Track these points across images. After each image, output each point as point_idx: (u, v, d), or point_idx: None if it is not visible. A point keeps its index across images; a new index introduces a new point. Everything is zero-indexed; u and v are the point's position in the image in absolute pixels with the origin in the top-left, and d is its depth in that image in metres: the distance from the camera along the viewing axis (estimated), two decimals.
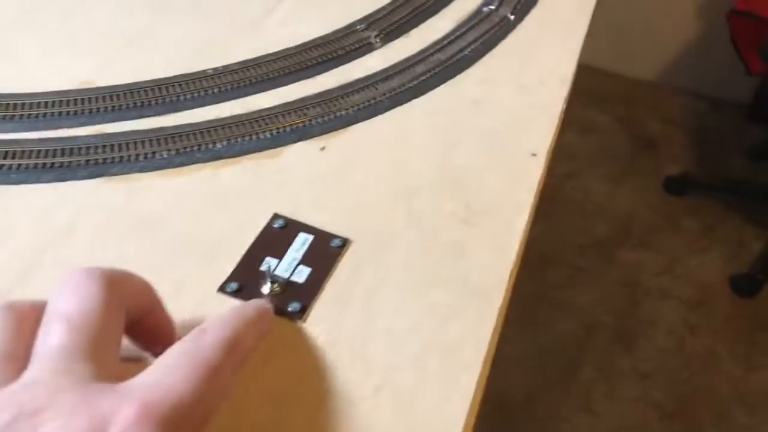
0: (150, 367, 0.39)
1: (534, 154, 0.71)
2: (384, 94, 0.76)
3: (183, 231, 0.61)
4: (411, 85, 0.78)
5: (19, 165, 0.63)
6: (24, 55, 0.78)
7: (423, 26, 0.87)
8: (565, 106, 0.77)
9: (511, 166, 0.69)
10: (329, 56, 0.80)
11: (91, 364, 0.38)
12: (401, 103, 0.76)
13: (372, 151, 0.70)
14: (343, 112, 0.73)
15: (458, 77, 0.81)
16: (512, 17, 0.88)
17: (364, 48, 0.82)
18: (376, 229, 0.62)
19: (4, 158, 0.64)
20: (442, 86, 0.79)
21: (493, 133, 0.73)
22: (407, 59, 0.81)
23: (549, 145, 0.72)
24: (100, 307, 0.40)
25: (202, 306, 0.55)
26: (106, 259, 0.58)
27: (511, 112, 0.76)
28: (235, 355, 0.43)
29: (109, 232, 0.60)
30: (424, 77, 0.78)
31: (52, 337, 0.38)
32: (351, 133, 0.72)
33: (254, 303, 0.50)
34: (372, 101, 0.75)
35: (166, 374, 0.38)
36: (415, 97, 0.77)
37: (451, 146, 0.71)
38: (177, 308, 0.53)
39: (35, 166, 0.63)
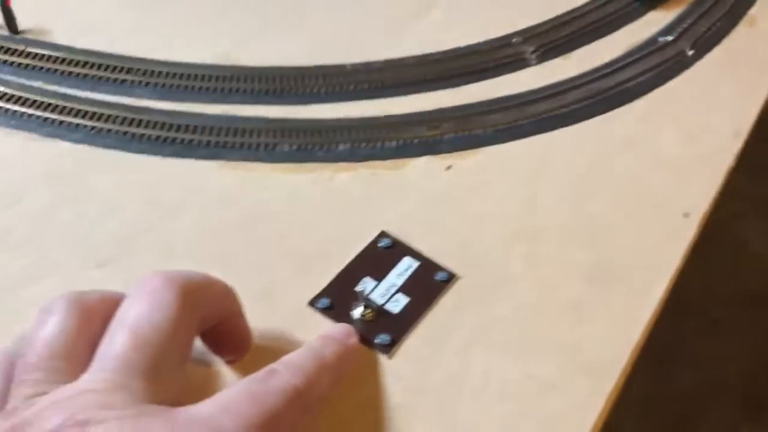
0: (210, 400, 0.36)
1: (687, 215, 0.62)
2: (528, 118, 0.69)
3: (287, 232, 0.58)
4: (560, 111, 0.71)
5: (143, 135, 0.63)
6: (167, 23, 0.77)
7: (586, 48, 0.79)
8: (734, 164, 0.67)
9: (658, 224, 0.61)
10: (476, 67, 0.74)
11: (149, 383, 0.35)
12: (545, 131, 0.69)
13: (501, 180, 0.64)
14: (480, 131, 0.68)
15: (615, 111, 0.72)
16: (690, 53, 0.78)
17: (516, 63, 0.76)
18: (488, 268, 0.57)
19: (129, 125, 0.63)
20: (594, 119, 0.71)
21: (643, 182, 0.64)
22: (562, 82, 0.74)
23: (707, 206, 0.63)
24: (172, 320, 0.38)
25: (288, 318, 0.52)
26: (206, 248, 0.56)
27: (668, 160, 0.67)
28: (303, 405, 0.39)
29: (216, 219, 0.58)
30: (576, 105, 0.71)
31: (115, 346, 0.36)
32: (483, 155, 0.66)
33: (336, 343, 0.46)
34: (513, 123, 0.69)
35: (224, 412, 0.35)
36: (563, 125, 0.69)
37: (592, 189, 0.64)
38: (261, 315, 0.51)
39: (157, 138, 0.63)
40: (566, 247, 0.58)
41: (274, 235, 0.57)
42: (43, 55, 0.69)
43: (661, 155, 0.67)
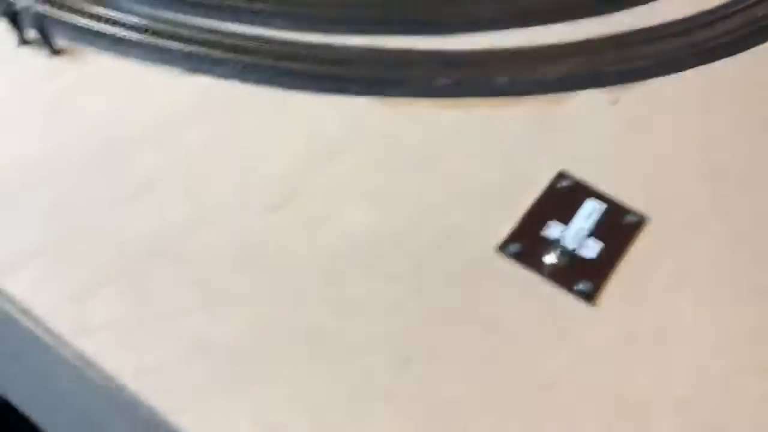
0: None
1: None
2: (688, 47, 0.64)
3: (457, 172, 0.54)
4: (722, 40, 0.65)
5: (292, 69, 0.59)
6: None
7: None
8: None
9: None
10: None
11: None
12: (707, 61, 0.64)
13: (672, 114, 0.60)
14: (641, 62, 0.63)
15: None
16: None
17: None
18: (676, 210, 0.53)
19: (278, 59, 0.59)
20: (758, 47, 0.66)
21: None
22: (726, 5, 0.68)
23: None
24: None
25: (478, 264, 0.49)
26: (378, 189, 0.53)
27: None
28: None
29: (379, 158, 0.55)
30: (746, 30, 0.65)
31: None
32: (647, 88, 0.62)
33: None
34: (674, 54, 0.64)
35: None
36: (730, 54, 0.64)
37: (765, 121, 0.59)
38: (448, 260, 0.48)
39: (307, 73, 0.59)
40: (751, 184, 0.54)
41: (445, 175, 0.54)
42: None
43: None
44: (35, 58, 0.58)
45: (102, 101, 0.56)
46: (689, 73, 0.63)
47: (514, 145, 0.57)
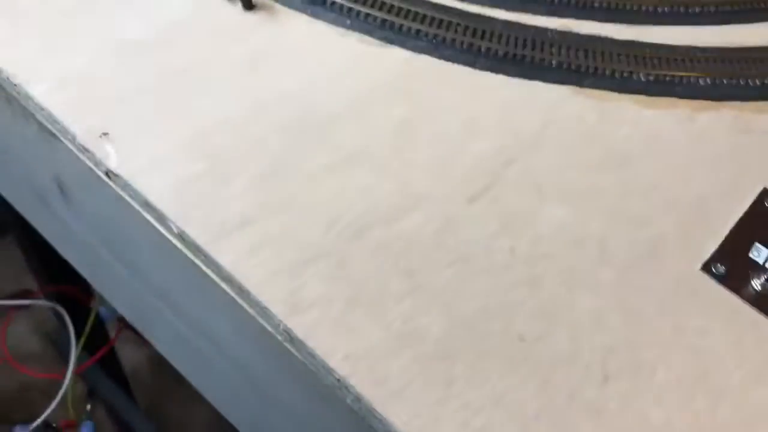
0: None
1: None
2: None
3: (658, 180, 0.52)
4: None
5: (488, 49, 0.57)
6: None
7: None
8: None
9: None
10: None
11: None
12: None
13: None
14: None
15: None
16: None
17: None
18: None
19: (473, 36, 0.57)
20: None
21: None
22: None
23: None
24: None
25: (683, 282, 0.47)
26: (574, 188, 0.51)
27: None
28: None
29: (578, 154, 0.53)
30: None
31: None
32: None
33: None
34: None
35: None
36: None
37: None
38: (648, 277, 0.47)
39: (504, 54, 0.57)
40: None
41: (644, 181, 0.52)
42: None
43: None
44: (232, 12, 0.57)
45: (297, 65, 0.55)
46: None
47: (716, 154, 0.54)
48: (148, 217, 0.47)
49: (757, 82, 0.58)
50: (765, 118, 0.56)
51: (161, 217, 0.46)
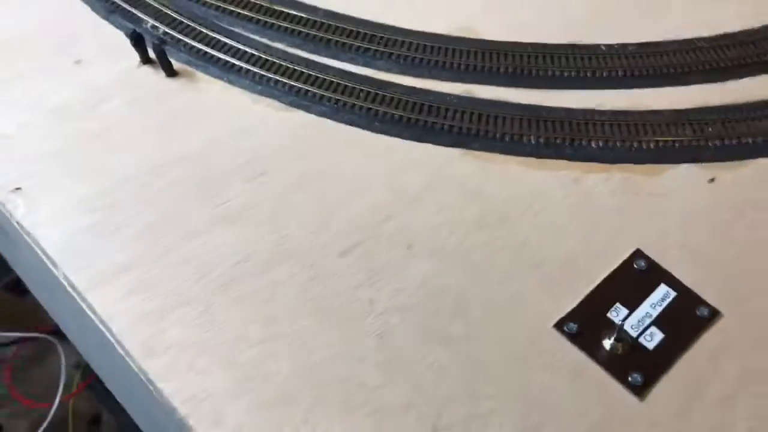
0: None
1: None
2: None
3: (530, 238, 0.54)
4: None
5: (385, 113, 0.60)
6: None
7: None
8: None
9: None
10: (750, 59, 0.65)
11: None
12: None
13: None
14: (749, 139, 0.60)
15: None
16: None
17: None
18: (757, 309, 0.50)
19: (373, 101, 0.61)
20: None
21: None
22: None
23: None
24: None
25: (533, 338, 0.49)
26: (446, 245, 0.53)
27: None
28: None
29: (456, 214, 0.55)
30: None
31: None
32: (750, 168, 0.59)
33: None
34: None
35: None
36: None
37: None
38: (503, 330, 0.48)
39: (400, 118, 0.60)
40: None
41: (516, 238, 0.54)
42: (288, 14, 0.67)
43: None
44: (154, 79, 0.63)
45: (207, 127, 0.60)
46: None
47: (597, 215, 0.56)
48: (47, 263, 0.52)
49: (651, 145, 0.59)
50: (655, 180, 0.57)
51: (54, 264, 0.51)
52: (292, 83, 0.62)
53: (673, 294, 0.51)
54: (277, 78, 0.62)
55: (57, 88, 0.62)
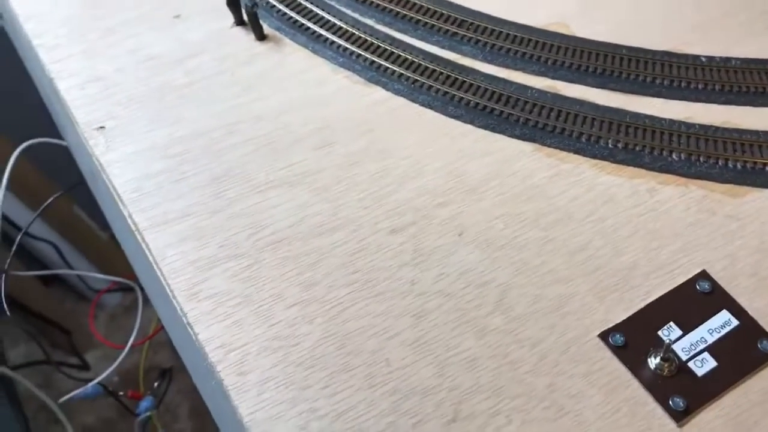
0: None
1: None
2: None
3: (590, 242, 0.52)
4: None
5: (461, 99, 0.59)
6: None
7: None
8: None
9: None
10: None
11: None
12: None
13: None
14: None
15: None
16: None
17: None
18: None
19: (451, 85, 0.60)
20: None
21: None
22: None
23: None
24: None
25: (575, 344, 0.47)
26: (497, 238, 0.52)
27: None
28: None
29: (516, 208, 0.54)
30: None
31: None
32: None
33: None
34: None
35: None
36: None
37: None
38: (546, 331, 0.47)
39: (476, 105, 0.59)
40: None
41: (575, 241, 0.52)
42: None
43: None
44: (244, 40, 0.65)
45: (285, 92, 0.61)
46: None
47: (666, 228, 0.53)
48: (117, 200, 0.55)
49: (738, 164, 0.55)
50: (735, 202, 0.54)
51: (122, 202, 0.54)
52: (373, 58, 0.62)
53: (735, 322, 0.48)
54: (359, 52, 0.62)
55: (154, 39, 0.65)
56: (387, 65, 0.61)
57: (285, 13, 0.65)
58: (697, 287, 0.49)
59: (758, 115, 0.59)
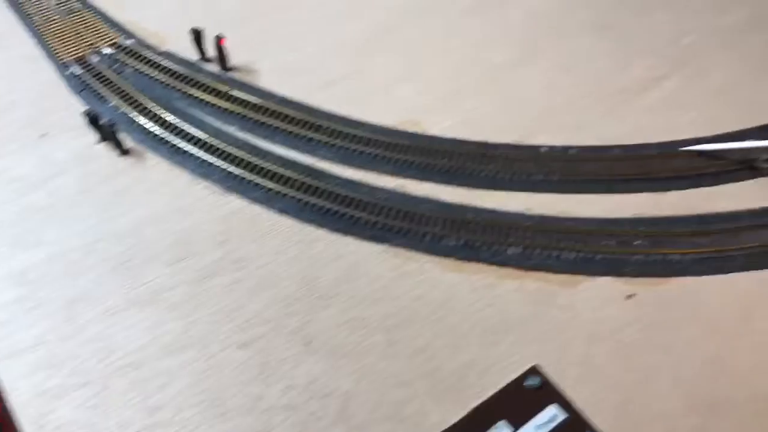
0: None
1: None
2: (742, 248, 0.59)
3: (430, 344, 0.54)
4: None
5: (315, 204, 0.62)
6: (365, 77, 0.75)
7: None
8: None
9: None
10: (691, 170, 0.64)
11: None
12: (761, 268, 0.58)
13: (691, 324, 0.55)
14: (677, 257, 0.59)
15: None
16: None
17: (743, 171, 0.65)
18: None
19: (306, 191, 0.63)
20: None
21: None
22: None
23: None
24: None
25: None
26: (344, 344, 0.54)
27: None
28: None
29: (364, 311, 0.56)
30: None
31: None
32: (673, 286, 0.57)
33: None
34: (721, 252, 0.59)
35: None
36: None
37: None
38: None
39: (328, 210, 0.62)
40: (752, 426, 0.49)
41: (416, 342, 0.54)
42: (243, 100, 0.70)
43: None
44: (107, 157, 0.67)
45: (145, 207, 0.63)
46: (731, 278, 0.58)
47: (502, 324, 0.55)
48: None
49: (571, 255, 0.59)
50: (567, 291, 0.57)
51: None
52: (231, 168, 0.64)
53: (562, 416, 0.50)
54: (218, 162, 0.65)
55: (20, 160, 0.67)
56: (244, 174, 0.64)
57: (146, 128, 0.68)
58: (527, 383, 0.52)
59: (596, 203, 0.63)
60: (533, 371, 0.52)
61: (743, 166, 0.64)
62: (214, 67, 0.75)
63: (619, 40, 0.79)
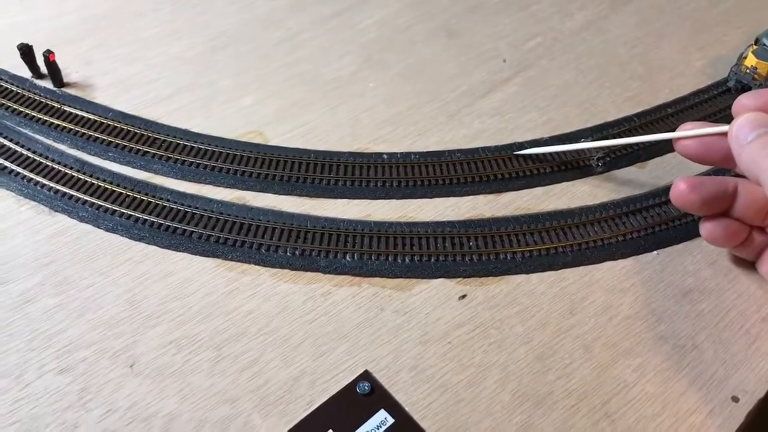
0: None
1: (735, 399, 0.51)
2: (572, 245, 0.60)
3: (261, 356, 0.53)
4: (615, 240, 0.61)
5: (145, 221, 0.60)
6: (206, 93, 0.74)
7: (664, 158, 0.69)
8: None
9: (702, 405, 0.51)
10: (527, 170, 0.66)
11: None
12: (591, 262, 0.60)
13: (521, 321, 0.56)
14: (509, 255, 0.59)
15: (687, 244, 0.62)
16: None
17: (579, 169, 0.66)
18: None
19: (135, 208, 0.61)
20: (652, 253, 0.61)
21: (689, 350, 0.54)
22: (627, 200, 0.64)
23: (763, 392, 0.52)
24: None
25: None
26: (169, 363, 0.52)
27: (726, 324, 0.56)
28: None
29: (190, 331, 0.54)
30: (637, 235, 0.61)
31: None
32: (506, 285, 0.58)
33: None
34: (551, 249, 0.60)
35: None
36: (610, 258, 0.60)
37: (626, 354, 0.54)
38: None
39: (159, 226, 0.60)
40: (578, 414, 0.50)
41: (246, 357, 0.53)
42: (76, 116, 0.68)
43: (721, 312, 0.56)
44: None
45: None
46: (560, 273, 0.59)
47: (336, 332, 0.55)
48: None
49: (406, 258, 0.59)
50: (403, 294, 0.57)
51: None
52: (58, 187, 0.62)
53: (391, 420, 0.50)
54: (44, 182, 0.62)
55: None
56: (72, 192, 0.61)
57: None
58: (358, 389, 0.51)
59: (434, 207, 0.63)
60: (365, 376, 0.52)
61: (577, 166, 0.66)
62: (48, 84, 0.72)
63: (467, 46, 0.81)
